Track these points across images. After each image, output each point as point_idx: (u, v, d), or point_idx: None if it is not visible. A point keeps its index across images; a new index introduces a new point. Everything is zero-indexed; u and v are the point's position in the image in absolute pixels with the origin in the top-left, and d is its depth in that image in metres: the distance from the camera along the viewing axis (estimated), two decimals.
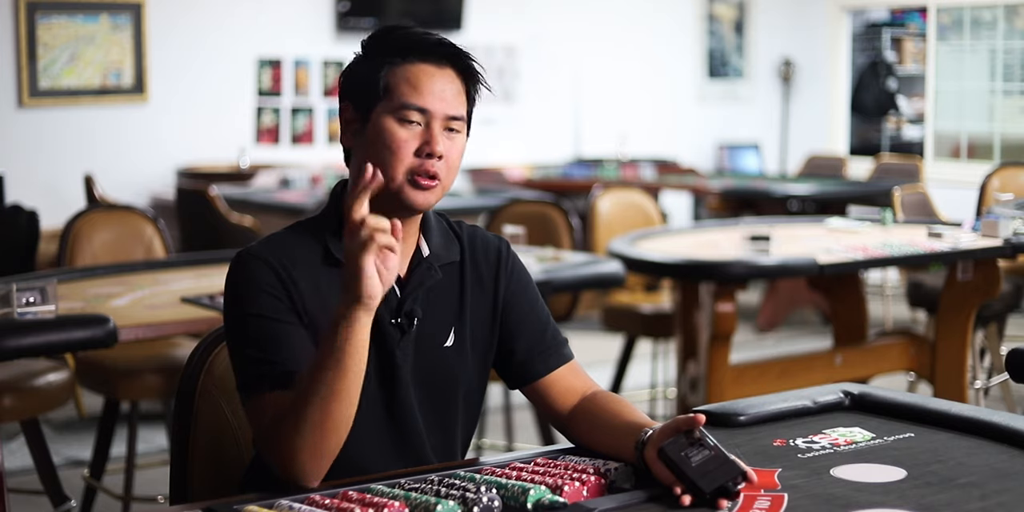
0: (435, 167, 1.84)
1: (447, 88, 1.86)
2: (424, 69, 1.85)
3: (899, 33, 9.08)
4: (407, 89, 1.84)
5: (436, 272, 1.90)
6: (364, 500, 1.59)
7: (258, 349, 1.79)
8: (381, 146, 1.84)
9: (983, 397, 5.03)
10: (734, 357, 4.18)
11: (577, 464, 1.73)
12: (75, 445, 4.86)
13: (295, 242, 1.87)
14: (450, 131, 1.86)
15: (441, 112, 1.85)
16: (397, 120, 1.84)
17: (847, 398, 2.11)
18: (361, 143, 1.87)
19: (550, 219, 5.01)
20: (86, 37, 7.03)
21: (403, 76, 1.85)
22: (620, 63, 8.96)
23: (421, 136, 1.84)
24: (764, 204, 7.28)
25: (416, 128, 1.84)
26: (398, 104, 1.84)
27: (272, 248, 1.85)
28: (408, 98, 1.84)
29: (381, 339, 1.85)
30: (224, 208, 5.80)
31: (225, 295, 1.86)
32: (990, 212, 4.68)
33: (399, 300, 1.87)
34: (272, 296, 1.80)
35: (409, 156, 1.83)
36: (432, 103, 1.84)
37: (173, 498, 2.04)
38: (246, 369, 1.80)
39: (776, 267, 4.02)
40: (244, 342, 1.81)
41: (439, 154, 1.83)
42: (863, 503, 1.62)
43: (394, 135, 1.83)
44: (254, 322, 1.80)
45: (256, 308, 1.80)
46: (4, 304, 3.05)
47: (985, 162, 8.10)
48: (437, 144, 1.83)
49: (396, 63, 1.86)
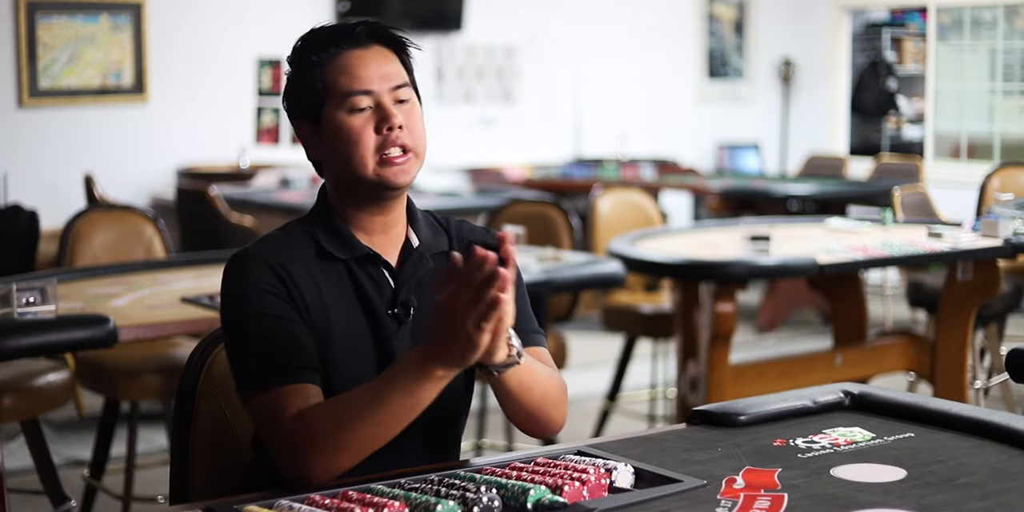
0: (400, 138, 1.86)
1: (381, 64, 1.88)
2: (352, 54, 1.88)
3: (899, 33, 9.08)
4: (345, 79, 1.86)
5: (427, 261, 1.92)
6: (364, 500, 1.59)
7: (262, 346, 1.79)
8: (341, 141, 1.86)
9: (983, 397, 5.03)
10: (734, 357, 4.18)
11: (577, 464, 1.73)
12: (75, 445, 4.86)
13: (287, 241, 1.89)
14: (401, 103, 1.88)
15: (385, 87, 1.87)
16: (347, 111, 1.86)
17: (847, 398, 2.10)
18: (326, 148, 1.89)
19: (550, 219, 5.01)
20: (86, 37, 7.03)
21: (336, 68, 1.87)
22: (620, 63, 8.96)
23: (375, 116, 1.86)
24: (764, 204, 7.28)
25: (367, 112, 1.86)
26: (342, 96, 1.86)
27: (266, 248, 1.87)
28: (349, 86, 1.86)
29: (378, 330, 1.87)
30: (224, 208, 5.80)
31: (222, 299, 1.87)
32: (990, 212, 4.68)
33: (393, 291, 1.89)
34: (271, 294, 1.82)
35: (371, 138, 1.85)
36: (373, 83, 1.86)
37: (173, 498, 2.04)
38: (250, 368, 1.80)
39: (776, 267, 4.02)
40: (247, 341, 1.81)
41: (399, 124, 1.85)
42: (863, 503, 1.62)
43: (350, 125, 1.86)
44: (255, 320, 1.81)
45: (257, 306, 1.81)
46: (4, 304, 3.05)
47: (985, 162, 8.10)
48: (394, 116, 1.85)
49: (324, 60, 1.88)
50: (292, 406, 1.75)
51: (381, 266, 1.90)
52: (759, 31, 9.54)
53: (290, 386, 1.76)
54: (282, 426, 1.75)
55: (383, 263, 1.90)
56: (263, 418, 1.79)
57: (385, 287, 1.89)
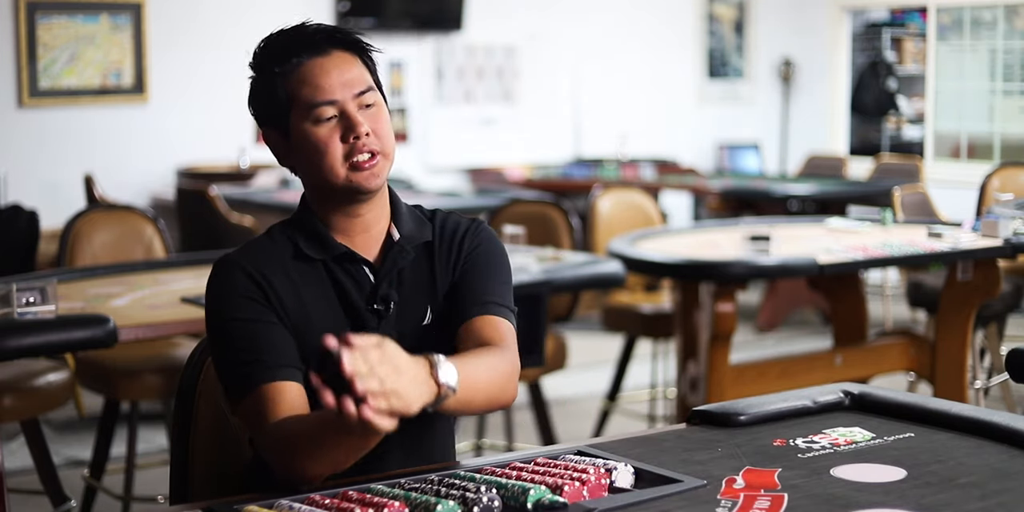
0: (368, 145, 1.86)
1: (343, 71, 1.88)
2: (312, 64, 1.88)
3: (899, 33, 9.09)
4: (307, 90, 1.86)
5: (408, 252, 1.93)
6: (364, 500, 1.59)
7: (244, 351, 1.81)
8: (310, 152, 1.87)
9: (983, 397, 5.03)
10: (734, 357, 4.18)
11: (577, 464, 1.73)
12: (75, 445, 4.86)
13: (267, 245, 1.92)
14: (366, 107, 1.88)
15: (347, 95, 1.87)
16: (312, 122, 1.86)
17: (847, 398, 2.11)
18: (295, 157, 1.91)
19: (550, 219, 5.01)
20: (86, 37, 7.03)
21: (298, 79, 1.87)
22: (620, 63, 8.96)
23: (340, 124, 1.86)
24: (764, 204, 7.28)
25: (333, 121, 1.86)
26: (306, 107, 1.86)
27: (245, 254, 1.90)
28: (312, 97, 1.86)
29: (360, 326, 1.89)
30: (224, 208, 5.80)
31: (206, 305, 1.90)
32: (990, 212, 4.68)
33: (373, 286, 1.91)
34: (249, 299, 1.84)
35: (339, 147, 1.86)
36: (336, 92, 1.86)
37: (173, 498, 2.05)
38: (233, 372, 1.82)
39: (776, 267, 4.02)
40: (229, 347, 1.84)
41: (365, 132, 1.86)
42: (863, 503, 1.62)
43: (316, 136, 1.86)
44: (236, 327, 1.83)
45: (235, 313, 1.84)
46: (4, 304, 3.05)
47: (985, 162, 8.10)
48: (360, 125, 1.85)
49: (286, 71, 1.88)
50: (274, 407, 1.77)
51: (360, 263, 1.92)
52: (759, 31, 9.54)
53: (270, 385, 1.78)
54: (264, 429, 1.77)
55: (362, 260, 1.92)
56: (249, 421, 1.81)
57: (365, 284, 1.91)
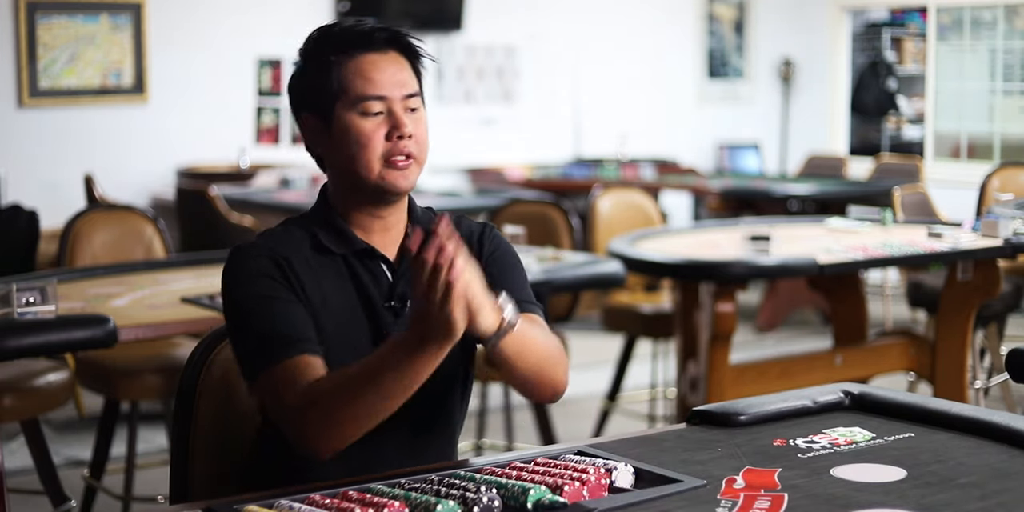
0: (408, 147, 1.89)
1: (396, 71, 1.91)
2: (370, 59, 1.90)
3: (899, 33, 9.08)
4: (360, 82, 1.89)
5: None
6: (364, 500, 1.59)
7: (264, 326, 1.82)
8: (351, 143, 1.89)
9: (983, 397, 5.03)
10: (734, 357, 4.18)
11: (577, 464, 1.73)
12: (75, 445, 4.86)
13: (286, 235, 1.93)
14: (411, 111, 1.91)
15: (398, 94, 1.90)
16: (359, 114, 1.89)
17: (847, 398, 2.10)
18: (331, 146, 1.92)
19: (550, 219, 5.01)
20: (86, 37, 7.03)
21: (353, 70, 1.90)
22: (620, 63, 8.96)
23: (387, 122, 1.89)
24: (764, 204, 7.28)
25: (379, 117, 1.89)
26: (356, 98, 1.89)
27: (265, 240, 1.91)
28: (364, 90, 1.89)
29: (376, 323, 1.90)
30: (224, 208, 5.80)
31: (224, 288, 1.90)
32: (990, 212, 4.68)
33: (391, 284, 1.92)
34: (270, 278, 1.85)
35: (380, 143, 1.89)
36: (388, 89, 1.89)
37: (173, 498, 2.05)
38: (254, 348, 1.82)
39: (776, 267, 4.02)
40: (249, 324, 1.84)
41: (408, 134, 1.89)
42: (863, 503, 1.62)
43: (361, 129, 1.88)
44: (256, 303, 1.84)
45: (256, 290, 1.84)
46: (4, 304, 3.05)
47: (985, 162, 8.10)
48: (405, 125, 1.89)
49: (341, 60, 1.90)
50: (296, 379, 1.77)
51: (379, 261, 1.93)
52: (759, 31, 9.54)
53: (292, 359, 1.78)
54: (288, 400, 1.76)
55: (381, 258, 1.93)
56: (269, 395, 1.80)
57: (383, 281, 1.92)
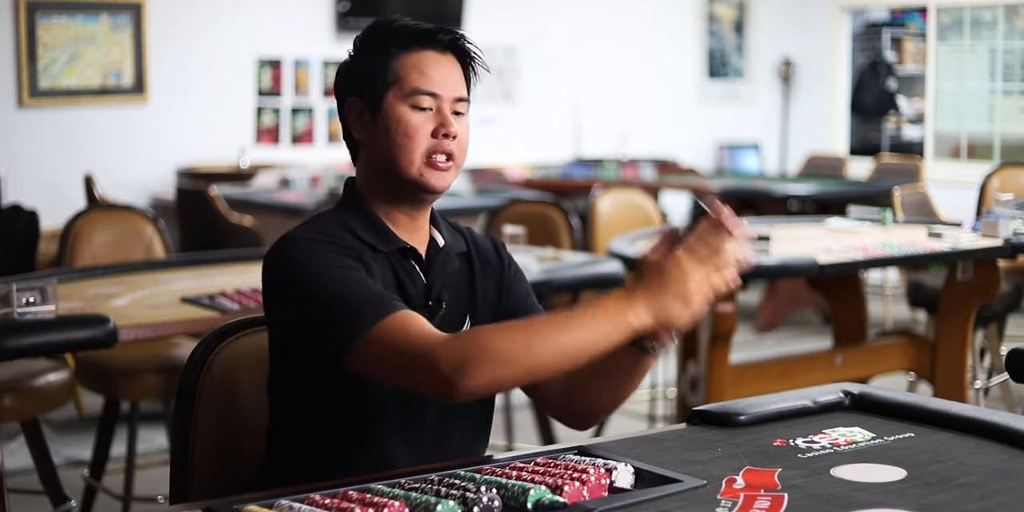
0: (450, 146, 1.91)
1: (451, 72, 1.94)
2: (429, 55, 1.93)
3: (899, 33, 9.08)
4: (416, 75, 1.91)
5: (454, 259, 1.98)
6: (364, 500, 1.59)
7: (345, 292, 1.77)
8: (398, 133, 1.90)
9: (983, 397, 5.03)
10: (734, 357, 4.18)
11: (577, 464, 1.73)
12: (75, 445, 4.86)
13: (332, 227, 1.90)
14: (457, 114, 1.93)
15: (449, 95, 1.92)
16: (410, 106, 1.90)
17: (847, 398, 2.10)
18: (374, 134, 1.92)
19: (550, 219, 5.01)
20: (86, 37, 7.03)
21: (410, 63, 1.92)
22: (620, 63, 8.96)
23: (434, 119, 1.91)
24: (764, 204, 7.28)
25: (428, 112, 1.91)
26: (409, 90, 1.90)
27: (319, 228, 1.89)
28: (419, 84, 1.90)
29: None
30: (224, 208, 5.80)
31: (278, 275, 1.85)
32: (990, 212, 4.68)
33: (426, 285, 1.93)
34: (338, 253, 1.83)
35: (426, 139, 1.90)
36: (441, 87, 1.91)
37: (173, 498, 2.05)
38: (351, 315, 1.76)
39: (776, 267, 4.02)
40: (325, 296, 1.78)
41: (454, 134, 1.91)
42: (863, 503, 1.62)
43: (409, 121, 1.90)
44: (340, 273, 1.80)
45: (335, 261, 1.81)
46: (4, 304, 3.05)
47: (985, 162, 8.10)
48: (451, 124, 1.91)
49: (400, 52, 1.92)
50: (414, 327, 1.73)
51: (414, 260, 1.94)
52: (759, 31, 9.54)
53: (400, 312, 1.75)
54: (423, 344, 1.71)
55: (416, 257, 1.94)
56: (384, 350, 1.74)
57: (418, 281, 1.93)
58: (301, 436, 1.91)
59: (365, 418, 1.88)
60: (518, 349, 1.68)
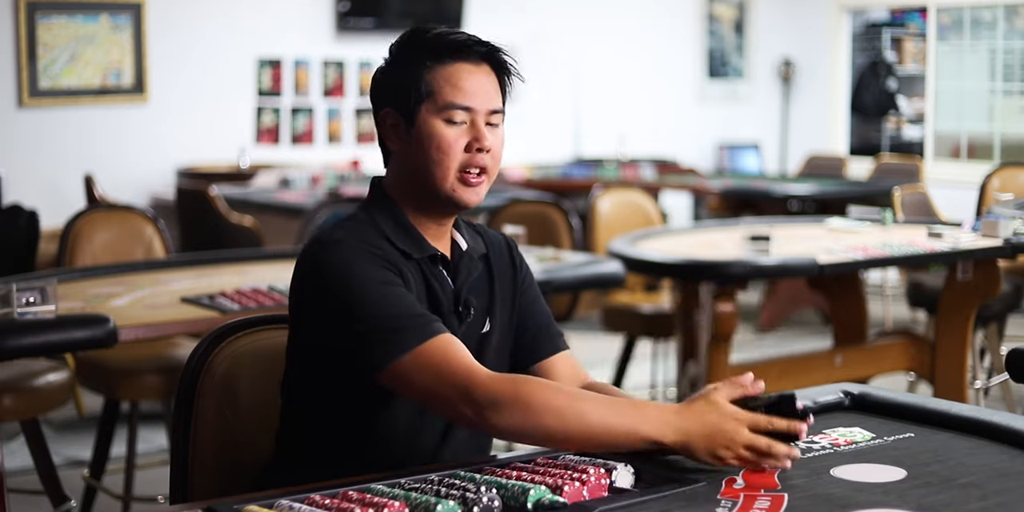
0: (484, 161, 1.91)
1: (486, 84, 1.93)
2: (463, 68, 1.92)
3: (899, 33, 9.08)
4: (450, 89, 1.90)
5: (477, 263, 1.99)
6: (364, 500, 1.59)
7: (389, 309, 1.78)
8: (431, 147, 1.89)
9: (983, 397, 5.03)
10: (734, 357, 4.18)
11: (577, 464, 1.73)
12: (75, 445, 4.86)
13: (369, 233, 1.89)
14: (492, 126, 1.93)
15: (484, 108, 1.92)
16: (444, 120, 1.90)
17: (847, 398, 2.11)
18: (408, 146, 1.92)
19: (550, 219, 5.01)
20: (86, 37, 7.03)
21: (444, 77, 1.90)
22: (620, 63, 8.97)
23: (468, 133, 1.91)
24: (764, 204, 7.28)
25: (462, 126, 1.91)
26: (443, 105, 1.90)
27: (357, 233, 1.88)
28: (452, 98, 1.90)
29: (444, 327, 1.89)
30: (224, 208, 5.80)
31: (317, 281, 1.84)
32: (990, 212, 4.68)
33: (454, 290, 1.94)
34: (379, 265, 1.83)
35: (459, 153, 1.90)
36: (475, 101, 1.91)
37: (173, 498, 2.05)
38: (382, 336, 1.77)
39: (776, 267, 4.02)
40: (368, 311, 1.79)
41: (488, 147, 1.91)
42: (863, 503, 1.62)
43: (444, 135, 1.89)
44: (381, 288, 1.81)
45: (376, 276, 1.81)
46: (4, 304, 3.05)
47: (985, 162, 8.10)
48: (485, 138, 1.91)
49: (435, 65, 1.91)
50: (459, 353, 1.77)
51: (442, 267, 1.95)
52: (759, 31, 9.54)
53: (443, 335, 1.78)
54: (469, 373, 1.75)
55: (444, 263, 1.95)
56: (424, 372, 1.76)
57: (447, 286, 1.94)
58: (312, 436, 1.92)
59: (376, 421, 1.89)
60: (555, 409, 1.73)
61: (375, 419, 1.89)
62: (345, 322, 1.80)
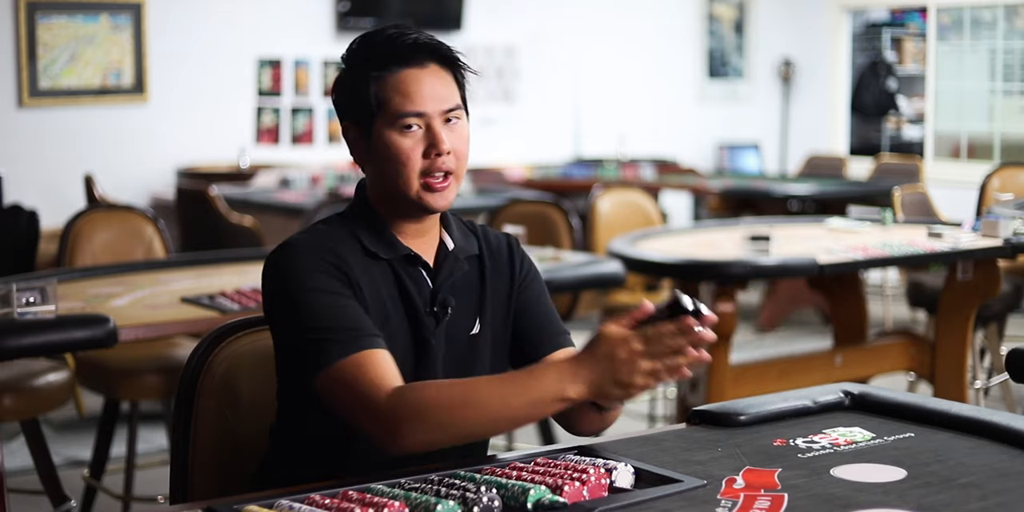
0: (446, 163, 1.88)
1: (436, 85, 1.89)
2: (408, 74, 1.88)
3: (899, 33, 9.08)
4: (399, 99, 1.87)
5: (463, 263, 1.96)
6: (364, 500, 1.59)
7: (328, 320, 1.79)
8: (389, 159, 1.88)
9: (983, 397, 5.03)
10: (734, 357, 4.18)
11: (577, 464, 1.73)
12: (75, 445, 4.86)
13: (334, 235, 1.90)
14: (450, 124, 1.90)
15: (437, 109, 1.88)
16: (397, 131, 1.87)
17: (847, 398, 2.11)
18: (370, 159, 1.92)
19: (550, 219, 5.01)
20: (86, 37, 7.03)
21: (391, 86, 1.88)
22: (620, 63, 8.96)
23: (424, 138, 1.88)
24: (764, 204, 7.28)
25: (418, 132, 1.88)
26: (394, 115, 1.87)
27: (315, 237, 1.89)
28: (402, 107, 1.87)
29: (417, 328, 1.90)
30: (224, 208, 5.80)
31: (273, 284, 1.86)
32: (990, 212, 4.68)
33: (432, 290, 1.92)
34: (326, 274, 1.83)
35: (418, 161, 1.88)
36: (427, 105, 1.87)
37: (173, 498, 2.05)
38: (317, 340, 1.79)
39: (776, 267, 4.02)
40: (304, 319, 1.80)
41: (447, 150, 1.88)
42: (863, 503, 1.62)
43: (399, 146, 1.87)
44: (318, 298, 1.81)
45: (316, 284, 1.82)
46: (4, 304, 3.05)
47: (985, 162, 8.10)
48: (443, 142, 1.87)
49: (380, 75, 1.88)
50: (375, 372, 1.76)
51: (420, 266, 1.93)
52: (759, 31, 9.54)
53: (368, 352, 1.77)
54: (371, 393, 1.74)
55: (422, 263, 1.93)
56: (342, 390, 1.77)
57: (424, 287, 1.92)
58: (303, 435, 1.92)
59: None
60: (453, 416, 1.71)
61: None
62: (287, 328, 1.84)
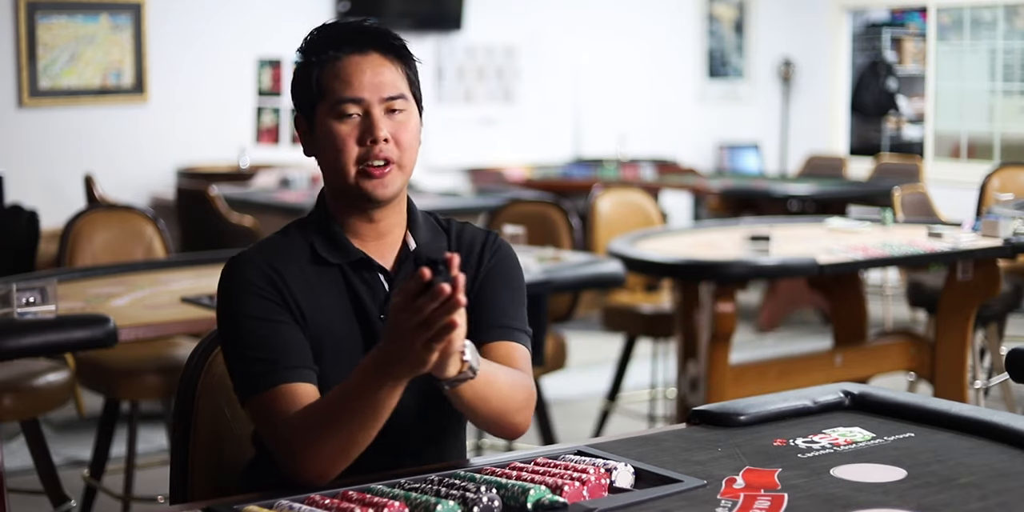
0: (384, 152, 1.85)
1: (378, 72, 1.87)
2: (349, 61, 1.87)
3: (899, 33, 9.08)
4: (338, 85, 1.86)
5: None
6: (364, 500, 1.59)
7: (253, 349, 1.81)
8: (328, 146, 1.86)
9: (983, 397, 5.03)
10: (734, 357, 4.18)
11: (577, 464, 1.73)
12: (75, 445, 4.86)
13: (284, 244, 1.90)
14: (393, 112, 1.87)
15: (376, 97, 1.86)
16: (336, 117, 1.86)
17: (847, 398, 2.11)
18: (315, 149, 1.90)
19: (550, 219, 5.01)
20: (86, 37, 7.03)
21: (333, 73, 1.86)
22: (620, 63, 8.96)
23: (361, 125, 1.86)
24: (764, 204, 7.28)
25: (355, 120, 1.86)
26: (333, 102, 1.86)
27: (262, 252, 1.88)
28: (341, 92, 1.85)
29: (372, 335, 1.87)
30: (224, 208, 5.80)
31: (217, 300, 1.89)
32: (990, 212, 4.68)
33: (387, 294, 1.89)
34: (262, 298, 1.83)
35: (354, 148, 1.85)
36: (364, 91, 1.85)
37: (173, 498, 2.05)
38: (246, 370, 1.81)
39: (776, 267, 4.02)
40: (238, 344, 1.83)
41: (383, 138, 1.84)
42: (863, 503, 1.62)
43: (336, 133, 1.85)
44: (247, 323, 1.82)
45: (247, 309, 1.82)
46: (4, 304, 3.05)
47: (985, 162, 8.10)
48: (379, 129, 1.85)
49: (324, 62, 1.87)
50: (284, 407, 1.76)
51: (376, 271, 1.90)
52: (759, 31, 9.53)
53: (281, 387, 1.78)
54: (276, 429, 1.76)
55: (378, 268, 1.90)
56: (259, 420, 1.81)
57: (379, 292, 1.89)
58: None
59: None
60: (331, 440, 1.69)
61: None
62: (224, 348, 1.88)
